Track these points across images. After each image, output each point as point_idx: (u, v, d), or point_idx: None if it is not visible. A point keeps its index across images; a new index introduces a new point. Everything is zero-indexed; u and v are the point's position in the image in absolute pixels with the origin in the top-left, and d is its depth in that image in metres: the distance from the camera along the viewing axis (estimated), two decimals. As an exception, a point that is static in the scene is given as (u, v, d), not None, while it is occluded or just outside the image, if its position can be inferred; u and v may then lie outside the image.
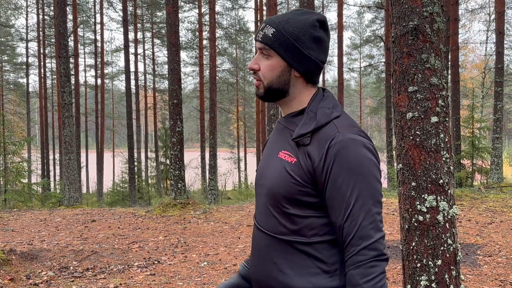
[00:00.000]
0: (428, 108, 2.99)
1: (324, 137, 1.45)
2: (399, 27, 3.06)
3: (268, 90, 1.56)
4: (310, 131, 1.47)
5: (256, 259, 1.62)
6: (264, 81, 1.56)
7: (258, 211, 1.63)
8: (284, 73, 1.54)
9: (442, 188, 3.00)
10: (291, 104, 1.59)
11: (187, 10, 34.33)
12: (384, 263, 1.41)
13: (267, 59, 1.54)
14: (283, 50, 1.51)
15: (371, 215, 1.41)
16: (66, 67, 14.12)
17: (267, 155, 1.66)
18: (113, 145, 44.31)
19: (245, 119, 40.33)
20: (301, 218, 1.48)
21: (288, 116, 1.60)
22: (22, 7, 37.00)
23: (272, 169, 1.56)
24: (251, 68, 1.57)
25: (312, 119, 1.50)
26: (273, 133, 1.70)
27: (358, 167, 1.41)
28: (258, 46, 1.56)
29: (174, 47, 10.91)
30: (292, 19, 1.53)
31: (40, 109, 34.34)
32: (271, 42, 1.51)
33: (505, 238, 6.98)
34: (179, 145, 10.92)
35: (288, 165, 1.49)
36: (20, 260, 5.80)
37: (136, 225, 8.72)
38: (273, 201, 1.53)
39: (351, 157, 1.40)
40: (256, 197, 1.67)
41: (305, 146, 1.47)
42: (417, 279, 3.04)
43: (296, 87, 1.57)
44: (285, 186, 1.48)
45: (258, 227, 1.61)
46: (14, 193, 14.94)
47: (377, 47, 40.44)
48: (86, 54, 41.54)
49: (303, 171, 1.46)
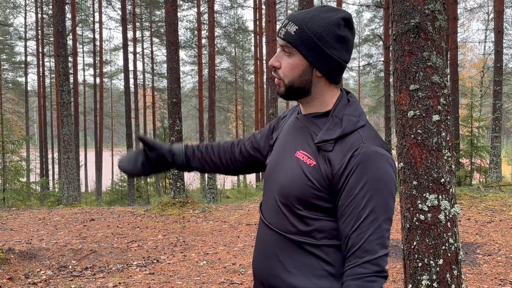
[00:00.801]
0: (429, 106, 2.98)
1: (348, 145, 1.42)
2: (400, 24, 3.04)
3: (289, 89, 1.52)
4: (334, 138, 1.44)
5: (261, 255, 1.60)
6: (285, 80, 1.52)
7: (267, 207, 1.60)
8: (305, 72, 1.50)
9: (444, 187, 2.98)
10: (313, 104, 1.55)
11: (186, 9, 34.32)
12: (383, 280, 1.39)
13: (289, 57, 1.50)
14: (305, 49, 1.47)
15: (380, 230, 1.39)
16: (65, 66, 14.09)
17: (281, 150, 1.62)
18: (112, 144, 44.28)
19: (244, 118, 40.31)
20: (312, 220, 1.47)
21: (310, 116, 1.56)
22: (20, 6, 36.93)
23: (287, 167, 1.53)
24: (272, 66, 1.53)
25: (337, 126, 1.46)
26: (290, 128, 1.64)
27: (377, 181, 1.39)
28: (280, 43, 1.52)
29: (173, 46, 10.89)
30: (316, 16, 1.48)
31: (38, 108, 34.31)
32: (294, 40, 1.47)
33: (504, 237, 6.98)
34: (178, 144, 10.88)
35: (306, 167, 1.47)
36: (19, 259, 5.78)
37: (135, 224, 8.70)
38: (285, 200, 1.51)
39: (372, 170, 1.38)
40: (265, 191, 1.64)
41: (327, 152, 1.44)
42: (418, 279, 3.03)
43: (318, 87, 1.53)
44: (301, 187, 1.46)
45: (266, 223, 1.59)
46: (13, 192, 14.92)
47: (376, 46, 40.44)
48: (85, 53, 41.53)
49: (321, 176, 1.44)
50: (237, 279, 5.27)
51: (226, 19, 35.99)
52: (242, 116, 40.28)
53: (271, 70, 1.56)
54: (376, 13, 36.64)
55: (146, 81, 37.72)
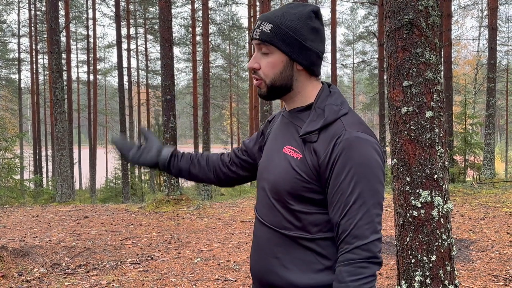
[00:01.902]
0: (423, 102, 2.98)
1: (331, 134, 1.43)
2: (394, 21, 3.04)
3: (271, 88, 1.53)
4: (317, 128, 1.45)
5: (258, 253, 1.61)
6: (266, 80, 1.52)
7: (261, 205, 1.61)
8: (286, 68, 1.51)
9: (437, 183, 2.99)
10: (296, 99, 1.56)
11: (180, 6, 34.22)
12: (375, 267, 1.38)
13: (267, 56, 1.51)
14: (283, 44, 1.48)
15: (369, 215, 1.39)
16: (58, 63, 14.02)
17: (270, 148, 1.64)
18: (106, 141, 44.13)
19: (238, 115, 40.28)
20: (305, 214, 1.47)
21: (294, 111, 1.57)
22: (14, 3, 36.71)
23: (276, 164, 1.55)
24: (251, 68, 1.53)
25: (320, 116, 1.48)
26: (277, 127, 1.66)
27: (362, 166, 1.39)
28: (256, 44, 1.52)
29: (167, 43, 10.86)
30: (287, 12, 1.50)
31: (32, 105, 34.16)
32: (270, 37, 1.48)
33: (497, 234, 7.01)
34: (172, 141, 10.88)
35: (294, 161, 1.48)
36: (12, 256, 5.75)
37: (129, 222, 8.68)
38: (277, 196, 1.51)
39: (356, 155, 1.39)
40: (258, 190, 1.65)
41: (312, 143, 1.46)
42: (411, 275, 3.04)
43: (299, 81, 1.54)
44: (291, 182, 1.47)
45: (261, 220, 1.59)
46: (6, 189, 14.85)
47: (370, 43, 40.49)
48: (79, 49, 41.33)
49: (308, 168, 1.45)
50: (232, 276, 5.27)
51: (220, 16, 35.92)
52: (237, 113, 40.24)
53: (251, 73, 1.57)
54: (370, 10, 36.67)
55: (140, 78, 37.59)
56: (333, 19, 22.21)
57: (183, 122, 57.62)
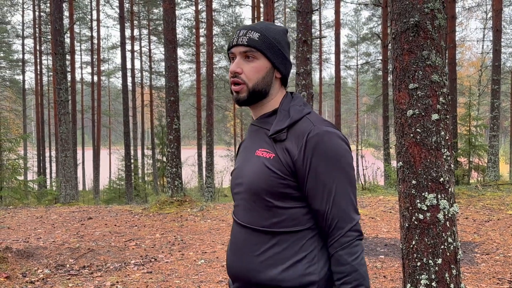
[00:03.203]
0: (428, 105, 2.97)
1: (300, 131, 1.55)
2: (399, 23, 3.03)
3: (252, 92, 1.64)
4: (285, 126, 1.57)
5: (236, 254, 1.66)
6: (248, 83, 1.63)
7: (239, 209, 1.69)
8: (268, 74, 1.65)
9: (443, 186, 2.97)
10: (266, 106, 1.69)
11: (184, 7, 34.19)
12: (361, 242, 1.56)
13: (251, 61, 1.64)
14: (270, 52, 1.63)
15: (350, 199, 1.54)
16: (63, 64, 14.04)
17: (242, 157, 1.74)
18: (110, 142, 44.22)
19: (241, 117, 40.25)
20: (283, 209, 1.57)
21: (261, 117, 1.69)
22: (18, 4, 36.79)
23: (250, 167, 1.64)
24: (234, 71, 1.63)
25: (285, 116, 1.60)
26: (247, 137, 1.77)
27: (336, 157, 1.52)
28: (241, 50, 1.63)
29: (171, 44, 10.87)
30: (269, 27, 1.67)
31: (36, 106, 34.19)
32: (259, 44, 1.62)
33: (502, 236, 6.98)
34: (176, 143, 10.89)
35: (267, 161, 1.57)
36: (16, 257, 5.76)
37: (132, 223, 8.68)
38: (255, 196, 1.59)
39: (328, 148, 1.52)
40: (235, 196, 1.73)
41: (282, 141, 1.57)
42: (417, 278, 3.02)
43: (274, 88, 1.68)
44: (266, 180, 1.55)
45: (239, 222, 1.67)
46: (10, 190, 14.88)
47: (374, 45, 40.42)
48: (83, 51, 41.40)
49: (282, 165, 1.54)
50: (235, 278, 5.25)
51: (224, 17, 35.90)
52: (240, 114, 40.21)
53: (231, 77, 1.66)
54: (374, 12, 36.61)
55: (144, 80, 37.65)
56: (336, 20, 22.19)
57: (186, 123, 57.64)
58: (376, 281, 5.11)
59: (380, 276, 5.28)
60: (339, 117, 22.15)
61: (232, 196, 1.77)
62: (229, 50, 1.68)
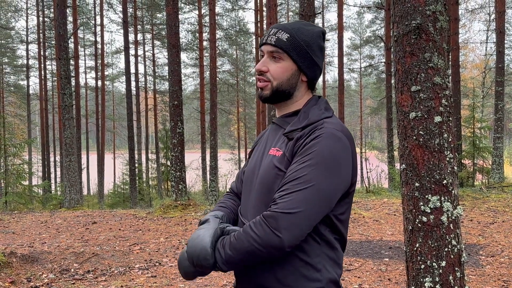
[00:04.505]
0: (431, 107, 2.97)
1: (311, 128, 1.53)
2: (401, 26, 3.03)
3: (275, 91, 1.62)
4: (301, 127, 1.55)
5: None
6: (273, 82, 1.62)
7: (248, 209, 1.65)
8: (293, 76, 1.62)
9: (446, 188, 2.97)
10: (290, 107, 1.68)
11: (187, 11, 34.31)
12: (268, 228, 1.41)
13: (278, 62, 1.62)
14: (296, 55, 1.60)
15: (309, 194, 1.41)
16: (67, 69, 14.10)
17: (256, 155, 1.73)
18: (114, 146, 44.27)
19: (245, 120, 40.28)
20: None
21: (283, 116, 1.68)
22: (22, 9, 37.01)
23: (262, 166, 1.63)
24: (259, 70, 1.62)
25: (304, 118, 1.59)
26: (267, 135, 1.76)
27: (326, 159, 1.44)
28: (268, 49, 1.63)
29: (174, 49, 10.89)
30: (302, 28, 1.64)
31: (40, 111, 34.30)
32: (286, 46, 1.60)
33: (507, 238, 6.96)
34: (179, 147, 10.90)
35: (275, 159, 1.57)
36: (21, 262, 5.77)
37: (137, 227, 8.69)
38: (263, 195, 1.58)
39: (323, 145, 1.46)
40: (245, 194, 1.70)
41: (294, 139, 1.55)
42: (421, 281, 3.02)
43: (299, 91, 1.66)
44: (273, 178, 1.54)
45: (245, 223, 1.62)
46: (15, 195, 14.93)
47: (377, 48, 40.42)
48: (87, 56, 41.53)
49: (288, 161, 1.53)
50: (239, 282, 5.25)
51: (227, 21, 36.03)
52: (244, 118, 40.24)
53: (257, 75, 1.65)
54: (377, 15, 36.61)
55: (148, 84, 37.69)
56: (339, 23, 22.20)
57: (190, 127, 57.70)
58: (381, 284, 5.10)
59: (384, 279, 5.27)
60: (343, 119, 22.14)
61: (242, 190, 1.74)
62: (260, 47, 1.67)
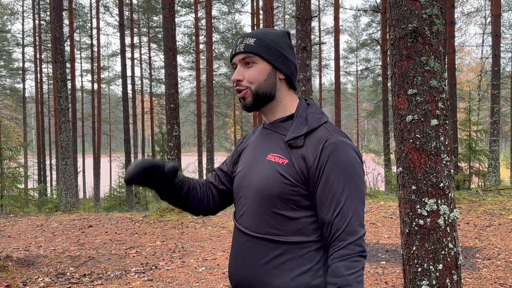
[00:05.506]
0: (428, 111, 2.97)
1: (317, 139, 1.54)
2: (398, 29, 3.04)
3: (256, 95, 1.63)
4: (303, 134, 1.56)
5: (240, 264, 1.64)
6: (251, 86, 1.62)
7: (244, 215, 1.65)
8: (270, 76, 1.63)
9: (443, 191, 2.97)
10: (277, 110, 1.67)
11: (183, 15, 34.30)
12: (364, 260, 1.51)
13: (251, 66, 1.63)
14: (267, 54, 1.62)
15: (357, 212, 1.51)
16: (63, 72, 14.07)
17: (249, 158, 1.71)
18: (110, 150, 44.19)
19: (242, 123, 40.27)
20: (291, 219, 1.55)
21: (276, 121, 1.67)
22: (18, 12, 36.91)
23: (260, 172, 1.61)
24: (235, 80, 1.63)
25: (303, 123, 1.59)
26: (257, 140, 1.74)
27: (349, 168, 1.51)
28: (239, 57, 1.64)
29: (170, 52, 10.89)
30: (266, 31, 1.68)
31: (36, 114, 34.22)
32: (255, 48, 1.61)
33: (503, 241, 6.97)
34: (176, 150, 10.89)
35: (280, 166, 1.56)
36: (17, 266, 5.75)
37: (133, 230, 8.67)
38: (263, 201, 1.57)
39: (342, 159, 1.51)
40: (239, 200, 1.69)
41: (299, 148, 1.56)
42: (418, 284, 3.01)
43: (281, 91, 1.66)
44: (278, 186, 1.54)
45: (243, 230, 1.64)
46: (11, 198, 14.85)
47: (374, 51, 40.53)
48: (83, 59, 41.50)
49: (295, 171, 1.53)
50: (236, 285, 5.23)
51: (223, 25, 36.02)
52: (240, 121, 40.24)
53: (235, 86, 1.66)
54: (373, 18, 36.73)
55: (144, 87, 37.72)
56: (336, 26, 22.25)
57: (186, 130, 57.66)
58: (378, 287, 5.10)
59: (381, 282, 5.27)
60: (339, 123, 22.17)
61: (235, 195, 1.74)
62: (231, 61, 1.67)
